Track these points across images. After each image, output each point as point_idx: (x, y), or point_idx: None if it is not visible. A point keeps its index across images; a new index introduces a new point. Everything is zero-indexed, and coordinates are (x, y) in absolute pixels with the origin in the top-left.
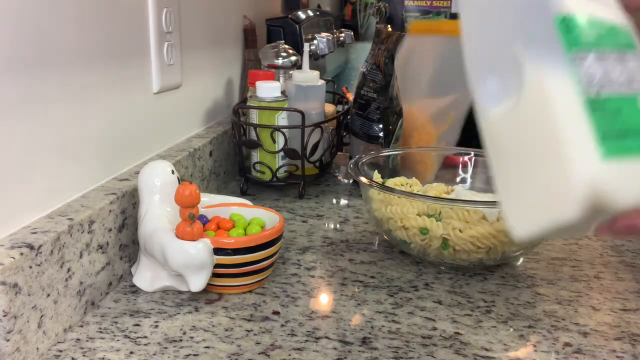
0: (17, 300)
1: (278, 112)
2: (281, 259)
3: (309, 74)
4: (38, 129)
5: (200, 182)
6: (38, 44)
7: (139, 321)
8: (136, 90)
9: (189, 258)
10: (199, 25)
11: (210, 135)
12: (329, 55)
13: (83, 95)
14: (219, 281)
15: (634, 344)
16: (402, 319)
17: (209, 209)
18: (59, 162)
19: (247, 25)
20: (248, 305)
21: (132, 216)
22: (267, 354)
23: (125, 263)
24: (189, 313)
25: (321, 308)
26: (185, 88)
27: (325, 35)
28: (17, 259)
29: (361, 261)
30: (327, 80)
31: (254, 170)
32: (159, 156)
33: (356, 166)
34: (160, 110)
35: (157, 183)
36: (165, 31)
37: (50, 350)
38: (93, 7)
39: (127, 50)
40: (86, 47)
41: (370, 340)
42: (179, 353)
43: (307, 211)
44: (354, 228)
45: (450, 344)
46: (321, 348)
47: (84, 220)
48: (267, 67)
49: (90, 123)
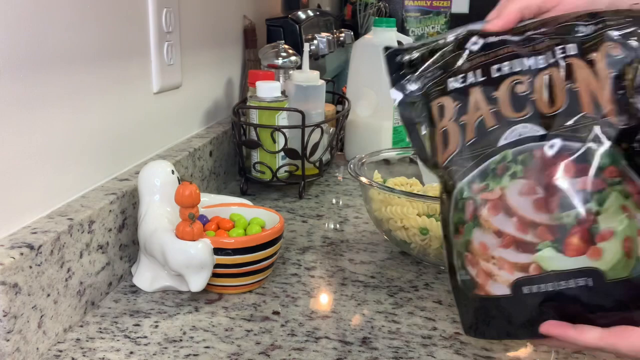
0: (17, 300)
1: (278, 112)
2: (281, 259)
3: (309, 74)
4: (38, 128)
5: (200, 182)
6: (38, 44)
7: (139, 321)
8: (136, 90)
9: (189, 258)
10: (199, 25)
11: (210, 135)
12: (329, 55)
13: (83, 95)
14: (219, 281)
15: None
16: (402, 319)
17: (209, 209)
18: (59, 162)
19: (247, 25)
20: (248, 305)
21: (132, 216)
22: (267, 354)
23: (125, 263)
24: (189, 313)
25: (321, 308)
26: (185, 88)
27: (325, 35)
28: (17, 259)
29: (361, 261)
30: (327, 80)
31: (254, 170)
32: (159, 156)
33: (356, 166)
34: (160, 110)
35: (157, 183)
36: (165, 31)
37: (50, 350)
38: (93, 7)
39: (127, 50)
40: (86, 47)
41: (370, 340)
42: (179, 353)
43: (307, 211)
44: (354, 228)
45: (450, 344)
46: (321, 348)
47: (84, 220)
48: (267, 67)
49: (90, 123)
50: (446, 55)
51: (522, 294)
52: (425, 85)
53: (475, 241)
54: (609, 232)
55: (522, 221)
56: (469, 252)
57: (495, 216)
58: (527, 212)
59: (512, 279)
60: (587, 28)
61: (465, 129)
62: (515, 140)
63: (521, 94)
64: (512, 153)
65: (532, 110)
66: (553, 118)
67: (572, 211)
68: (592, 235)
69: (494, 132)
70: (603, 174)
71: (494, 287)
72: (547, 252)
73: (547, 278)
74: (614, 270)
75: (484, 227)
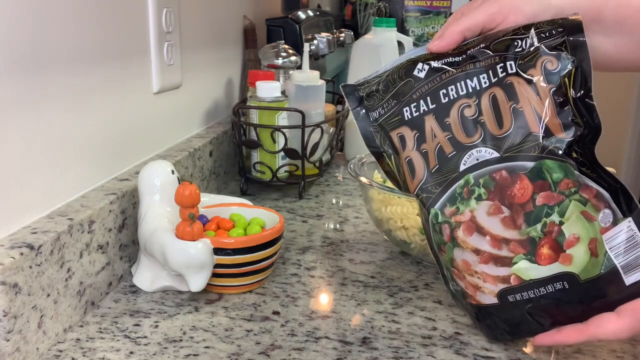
0: (17, 300)
1: (278, 112)
2: (281, 259)
3: (309, 74)
4: (38, 128)
5: (200, 182)
6: (38, 44)
7: (139, 321)
8: (136, 90)
9: (189, 258)
10: (199, 25)
11: (210, 135)
12: (329, 55)
13: (83, 95)
14: (219, 281)
15: (634, 344)
16: (402, 319)
17: (209, 209)
18: (59, 162)
19: (247, 25)
20: (248, 305)
21: (132, 216)
22: (267, 354)
23: (125, 263)
24: (189, 313)
25: (321, 308)
26: (185, 88)
27: (325, 35)
28: (17, 259)
29: (361, 261)
30: (327, 80)
31: (254, 170)
32: (159, 156)
33: (356, 166)
34: (160, 110)
35: (157, 183)
36: (165, 31)
37: (50, 350)
38: (93, 7)
39: (127, 50)
40: (86, 47)
41: (370, 340)
42: (179, 353)
43: (307, 211)
44: (354, 228)
45: (450, 344)
46: (321, 348)
47: (84, 220)
48: (267, 67)
49: (90, 123)
50: (397, 84)
51: (508, 302)
52: (383, 116)
53: (458, 259)
54: (574, 238)
55: (494, 239)
56: (454, 267)
57: (471, 236)
58: (498, 230)
59: (497, 290)
60: (523, 42)
61: (427, 157)
62: (474, 165)
63: (470, 117)
64: (473, 177)
65: (483, 133)
66: (504, 139)
67: (538, 225)
68: (560, 243)
69: (453, 157)
70: (559, 187)
71: (482, 297)
72: (522, 264)
73: (527, 286)
74: (585, 271)
75: (462, 247)
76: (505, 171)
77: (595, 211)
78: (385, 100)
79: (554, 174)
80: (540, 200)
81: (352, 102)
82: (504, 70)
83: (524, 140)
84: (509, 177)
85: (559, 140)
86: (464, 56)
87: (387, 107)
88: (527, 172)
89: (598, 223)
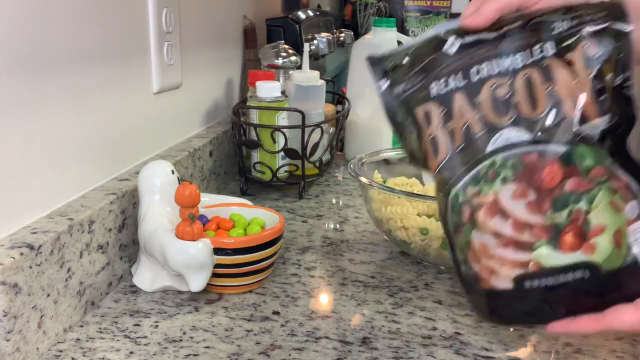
0: (17, 300)
1: (278, 112)
2: (281, 259)
3: (309, 74)
4: (38, 128)
5: (200, 182)
6: (38, 44)
7: (139, 321)
8: (136, 90)
9: (189, 258)
10: (199, 25)
11: (210, 135)
12: (329, 55)
13: (83, 95)
14: (219, 281)
15: (634, 344)
16: (402, 319)
17: (209, 209)
18: (59, 162)
19: (247, 25)
20: (248, 305)
21: (132, 216)
22: (267, 354)
23: (125, 263)
24: (189, 313)
25: (321, 308)
26: (185, 88)
27: (325, 35)
28: (17, 259)
29: (361, 261)
30: (327, 80)
31: (254, 170)
32: (159, 156)
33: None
34: (160, 110)
35: (157, 183)
36: (165, 31)
37: (50, 350)
38: (93, 7)
39: (127, 50)
40: (86, 47)
41: (370, 340)
42: (179, 353)
43: (307, 211)
44: (354, 228)
45: (450, 344)
46: (321, 348)
47: (84, 220)
48: (267, 67)
49: (90, 123)
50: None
51: (524, 288)
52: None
53: (475, 241)
54: (600, 228)
55: (517, 222)
56: (470, 249)
57: (492, 219)
58: (522, 214)
59: (514, 275)
60: (563, 23)
61: (453, 136)
62: (503, 146)
63: (503, 97)
64: (501, 158)
65: (515, 114)
66: (537, 122)
67: (564, 212)
68: (585, 232)
69: (481, 137)
70: (590, 174)
71: (497, 282)
72: (544, 250)
73: (547, 273)
74: (608, 262)
75: (482, 229)
76: (536, 154)
77: (624, 202)
78: (412, 74)
79: (585, 160)
80: (570, 186)
81: (376, 74)
82: (541, 51)
83: (558, 124)
84: (539, 160)
85: (594, 126)
86: (498, 33)
87: (414, 81)
88: (558, 157)
89: (625, 214)
